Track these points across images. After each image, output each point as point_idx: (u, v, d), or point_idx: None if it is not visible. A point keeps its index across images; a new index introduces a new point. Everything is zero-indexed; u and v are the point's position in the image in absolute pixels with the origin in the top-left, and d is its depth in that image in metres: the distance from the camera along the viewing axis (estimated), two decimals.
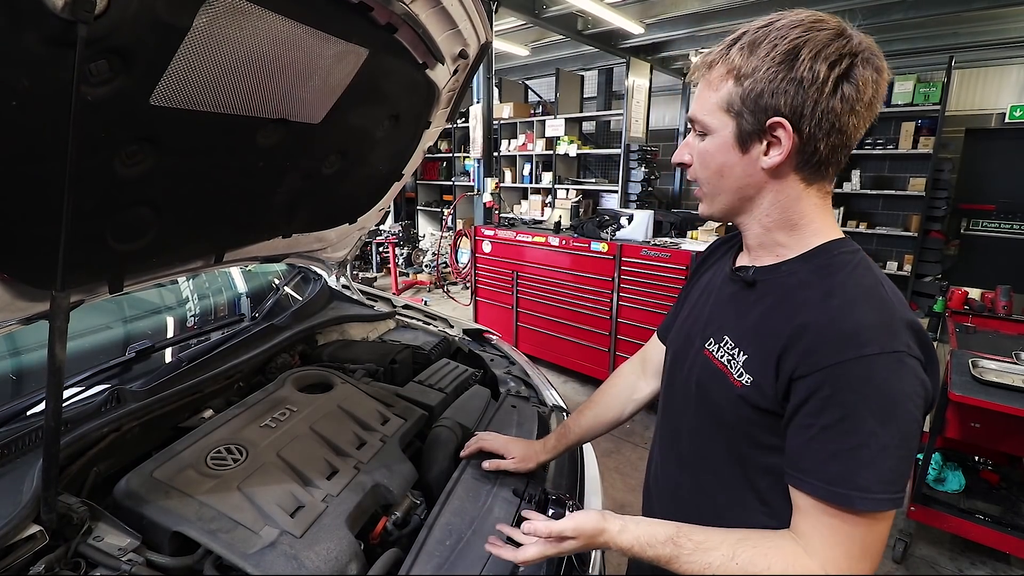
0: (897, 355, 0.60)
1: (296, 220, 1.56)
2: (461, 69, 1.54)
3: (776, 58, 0.64)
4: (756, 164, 0.69)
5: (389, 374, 1.56)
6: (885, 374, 0.60)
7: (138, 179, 0.95)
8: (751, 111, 0.66)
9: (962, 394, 1.89)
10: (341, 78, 1.19)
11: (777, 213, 0.72)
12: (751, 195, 0.72)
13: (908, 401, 0.61)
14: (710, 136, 0.71)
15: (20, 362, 1.30)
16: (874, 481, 0.60)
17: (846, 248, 0.71)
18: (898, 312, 0.64)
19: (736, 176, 0.71)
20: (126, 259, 1.05)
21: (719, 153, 0.71)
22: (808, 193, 0.70)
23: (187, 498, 0.89)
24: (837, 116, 0.64)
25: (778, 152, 0.67)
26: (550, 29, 5.54)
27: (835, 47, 0.63)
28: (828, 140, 0.66)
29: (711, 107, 0.70)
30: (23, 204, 0.82)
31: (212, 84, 0.91)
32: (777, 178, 0.69)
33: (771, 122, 0.66)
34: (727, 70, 0.68)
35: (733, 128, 0.69)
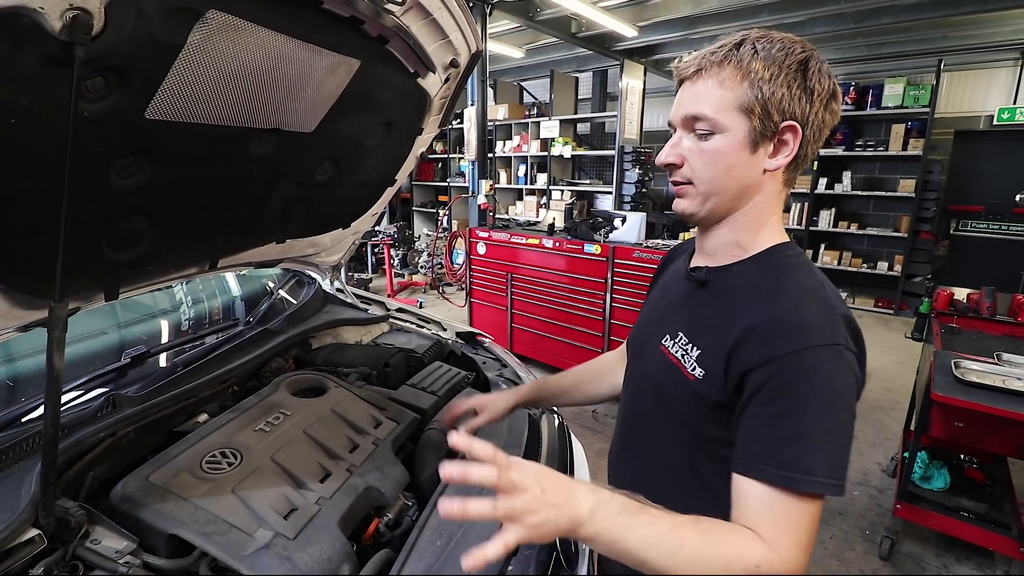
0: (837, 348, 0.66)
1: (290, 226, 1.59)
2: (452, 78, 1.56)
3: (793, 67, 0.69)
4: (761, 165, 0.73)
5: (382, 377, 1.58)
6: (829, 365, 0.65)
7: (133, 190, 0.97)
8: (768, 114, 0.70)
9: (944, 394, 1.93)
10: (333, 88, 1.21)
11: (757, 214, 0.76)
12: (747, 195, 0.75)
13: (847, 392, 0.66)
14: (720, 135, 0.72)
15: (16, 368, 1.31)
16: (819, 465, 0.63)
17: (790, 251, 0.77)
18: (838, 309, 0.70)
19: (741, 175, 0.73)
20: (122, 267, 1.07)
21: (731, 152, 0.72)
22: (783, 194, 0.78)
23: (182, 501, 0.91)
24: (825, 125, 0.73)
25: (785, 155, 0.72)
26: (544, 32, 5.58)
27: (826, 66, 0.71)
28: (815, 146, 0.74)
29: (724, 106, 0.71)
30: (21, 216, 0.84)
31: (206, 97, 0.94)
32: (772, 179, 0.75)
33: (785, 125, 0.71)
34: (742, 72, 0.70)
35: (748, 128, 0.71)
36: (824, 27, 5.33)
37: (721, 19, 5.37)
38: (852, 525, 2.60)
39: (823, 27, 5.34)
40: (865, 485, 2.94)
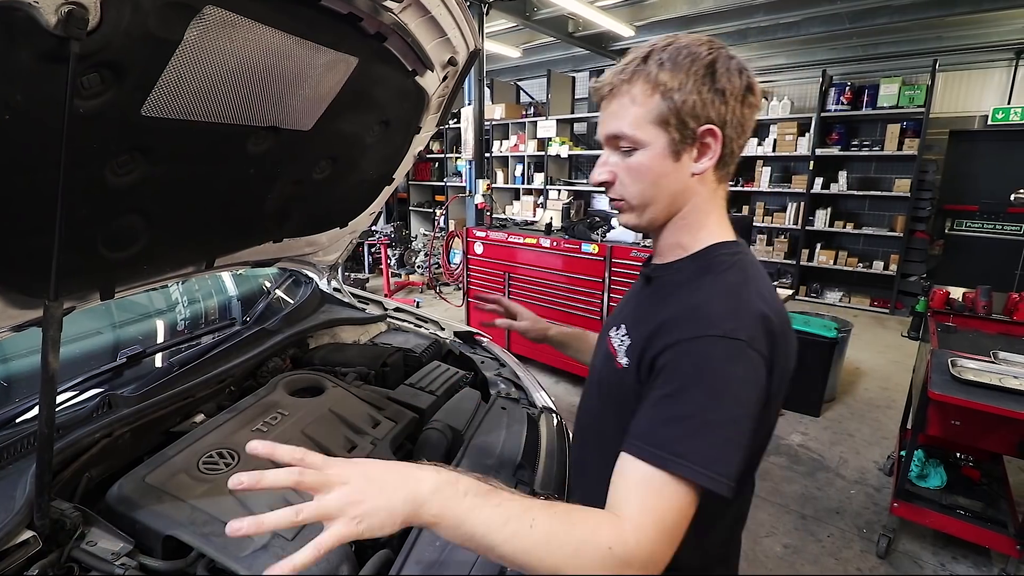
0: (738, 343, 0.65)
1: (287, 225, 1.58)
2: (451, 76, 1.55)
3: (700, 71, 0.70)
4: (687, 171, 0.74)
5: (380, 377, 1.58)
6: (723, 356, 0.65)
7: (129, 188, 0.96)
8: (684, 121, 0.71)
9: (941, 393, 1.94)
10: (331, 86, 1.20)
11: (694, 216, 0.78)
12: (681, 200, 0.77)
13: (741, 387, 0.65)
14: (641, 150, 0.73)
15: (9, 369, 1.30)
16: (693, 451, 0.62)
17: (727, 250, 0.77)
18: (753, 309, 0.69)
19: (670, 184, 0.75)
20: (117, 266, 1.06)
21: (654, 165, 0.73)
22: (718, 191, 0.78)
23: (179, 502, 0.90)
24: (745, 120, 0.73)
25: (709, 157, 0.73)
26: (541, 31, 5.58)
27: (736, 61, 0.72)
28: (739, 141, 0.75)
29: (640, 121, 0.72)
30: (15, 214, 0.83)
31: (203, 94, 0.93)
32: (702, 182, 0.76)
33: (703, 130, 0.71)
34: (652, 86, 0.71)
35: (667, 139, 0.72)
36: (820, 27, 5.35)
37: (717, 19, 5.39)
38: (849, 524, 2.61)
39: (819, 27, 5.36)
40: (862, 484, 2.95)
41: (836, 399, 3.95)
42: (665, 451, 0.62)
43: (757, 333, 0.67)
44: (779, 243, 7.00)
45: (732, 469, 0.62)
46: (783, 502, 2.77)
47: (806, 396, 3.68)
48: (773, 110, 6.98)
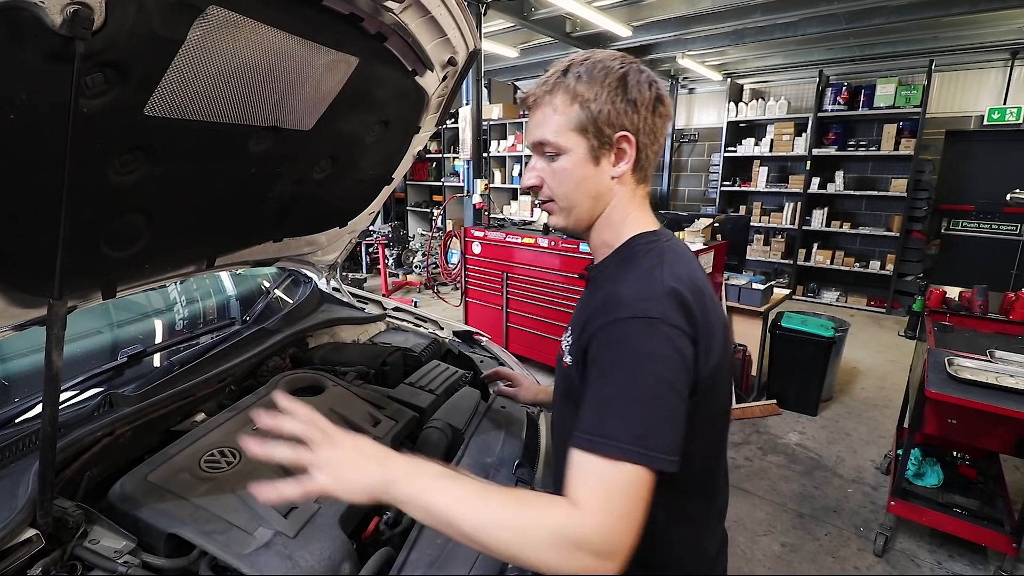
0: (650, 320, 0.68)
1: (287, 225, 1.58)
2: (450, 76, 1.56)
3: (613, 83, 0.77)
4: (607, 174, 0.81)
5: (380, 376, 1.58)
6: (636, 335, 0.68)
7: (131, 187, 0.96)
8: (600, 129, 0.78)
9: (938, 391, 1.95)
10: (332, 86, 1.21)
11: (616, 215, 0.84)
12: (603, 202, 0.83)
13: (657, 362, 0.67)
14: (564, 155, 0.80)
15: (11, 368, 1.30)
16: (620, 430, 0.64)
17: (644, 239, 0.82)
18: (663, 287, 0.72)
19: (592, 186, 0.81)
20: (119, 265, 1.06)
21: (576, 168, 0.80)
22: (637, 192, 0.84)
23: (181, 500, 0.90)
24: (656, 128, 0.80)
25: (625, 161, 0.80)
26: (539, 31, 5.57)
27: (645, 75, 0.80)
28: (652, 147, 0.82)
29: (561, 129, 0.79)
30: (18, 213, 0.83)
31: (205, 94, 0.93)
32: (621, 184, 0.82)
33: (618, 136, 0.78)
34: (571, 96, 0.78)
35: (586, 145, 0.79)
36: (816, 27, 5.36)
37: (714, 19, 5.39)
38: (846, 522, 2.62)
39: (815, 27, 5.36)
40: (859, 483, 2.96)
41: (833, 398, 3.97)
42: (596, 435, 0.64)
43: (668, 308, 0.69)
44: (776, 243, 7.02)
45: (666, 442, 0.64)
46: (781, 501, 2.78)
47: (804, 395, 3.70)
48: (770, 110, 7.01)
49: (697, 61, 6.72)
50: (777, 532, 2.55)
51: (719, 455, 0.87)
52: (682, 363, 0.68)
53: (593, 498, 0.62)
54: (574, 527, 0.61)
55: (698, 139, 8.13)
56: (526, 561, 0.62)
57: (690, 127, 8.22)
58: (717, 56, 6.83)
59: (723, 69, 7.33)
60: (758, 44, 6.03)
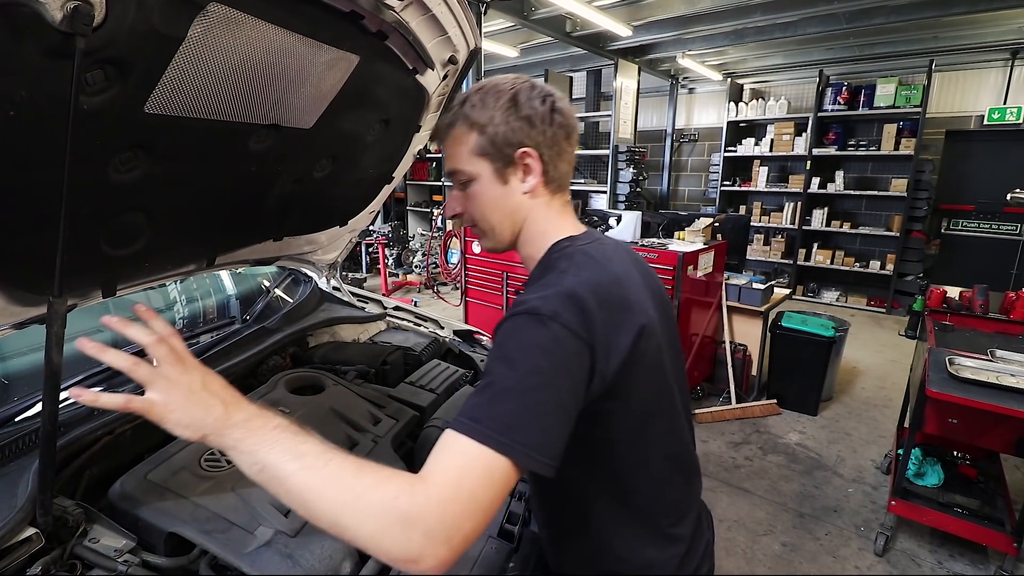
0: (539, 317, 0.68)
1: (287, 223, 1.58)
2: (451, 74, 1.56)
3: (504, 104, 0.81)
4: (517, 191, 0.84)
5: (380, 375, 1.58)
6: (521, 328, 0.69)
7: (131, 185, 0.96)
8: (500, 149, 0.82)
9: (938, 391, 1.95)
10: (332, 84, 1.20)
11: (535, 228, 0.87)
12: (519, 217, 0.86)
13: (538, 354, 0.66)
14: (474, 181, 0.85)
15: (9, 366, 1.29)
16: (487, 416, 0.62)
17: (559, 247, 0.84)
18: (563, 288, 0.72)
19: (505, 205, 0.85)
20: (119, 264, 1.06)
21: (487, 191, 0.85)
22: (553, 203, 0.88)
23: (182, 499, 0.90)
24: (558, 138, 0.83)
25: (533, 176, 0.84)
26: (539, 31, 5.57)
27: (538, 90, 0.83)
28: (559, 158, 0.85)
29: (466, 157, 0.84)
30: (18, 211, 0.83)
31: (205, 92, 0.93)
32: (534, 198, 0.86)
33: (519, 153, 0.82)
34: (469, 124, 0.83)
35: (491, 167, 0.83)
36: (816, 27, 5.36)
37: (714, 19, 5.39)
38: (847, 522, 2.62)
39: (815, 27, 5.37)
40: (859, 482, 2.96)
41: (833, 398, 3.97)
42: (466, 417, 0.63)
43: (561, 308, 0.69)
44: (776, 243, 7.02)
45: (536, 439, 0.62)
46: (781, 500, 2.78)
47: (804, 395, 3.70)
48: (770, 110, 7.01)
49: (697, 61, 6.72)
50: (778, 532, 2.55)
51: (664, 456, 0.83)
52: (568, 363, 0.67)
53: (442, 474, 0.60)
54: (408, 499, 0.57)
55: (698, 139, 8.13)
56: (349, 533, 0.57)
57: (690, 127, 8.22)
58: (717, 56, 6.83)
59: (723, 69, 7.33)
60: (758, 44, 6.03)
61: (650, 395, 0.78)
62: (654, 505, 0.83)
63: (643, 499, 0.82)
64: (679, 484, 0.87)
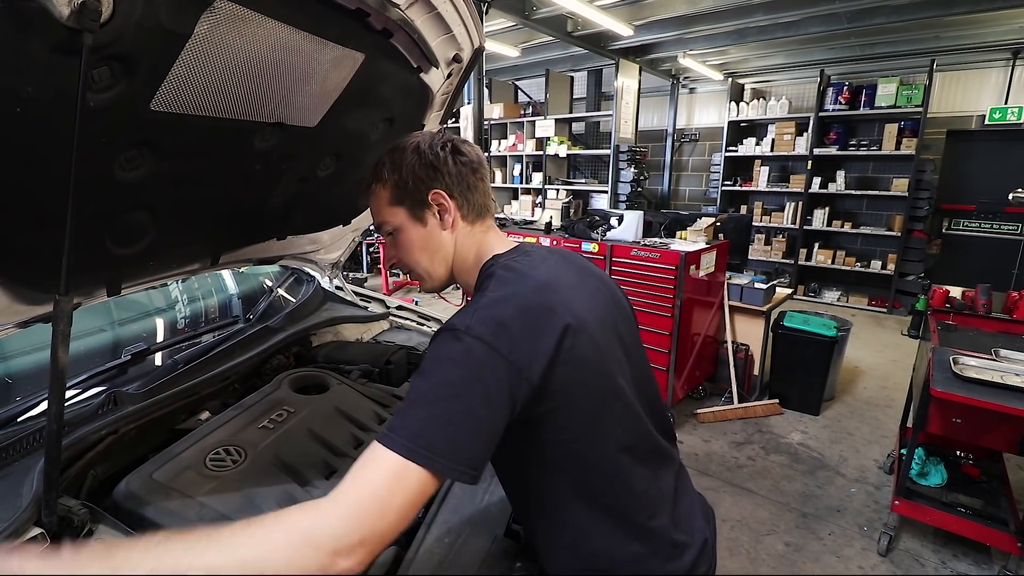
0: (453, 332, 0.72)
1: (291, 222, 1.57)
2: (455, 73, 1.55)
3: (409, 156, 0.89)
4: (438, 229, 0.91)
5: (384, 375, 1.57)
6: (438, 345, 0.73)
7: (137, 183, 0.95)
8: (412, 195, 0.89)
9: (943, 390, 1.95)
10: (337, 82, 1.20)
11: (465, 259, 0.93)
12: (447, 253, 0.92)
13: (448, 366, 0.70)
14: (398, 229, 0.91)
15: (12, 366, 1.29)
16: (400, 426, 0.66)
17: (486, 268, 0.88)
18: (479, 303, 0.76)
19: (430, 244, 0.92)
20: (124, 262, 1.06)
21: (410, 234, 0.91)
22: (475, 231, 0.93)
23: (187, 499, 0.89)
24: (464, 175, 0.90)
25: (448, 213, 0.90)
26: (540, 31, 5.57)
27: (438, 137, 0.91)
28: (471, 192, 0.91)
29: (384, 209, 0.92)
30: (23, 208, 0.82)
31: (211, 89, 0.92)
32: (455, 232, 0.92)
33: (431, 194, 0.88)
34: (382, 182, 0.91)
35: (407, 213, 0.90)
36: (818, 27, 5.36)
37: (715, 18, 5.39)
38: (850, 522, 2.62)
39: (817, 27, 5.36)
40: (862, 482, 2.96)
41: (835, 398, 3.96)
42: (386, 428, 0.67)
43: (474, 322, 0.72)
44: (777, 243, 7.02)
45: (440, 444, 0.65)
46: (784, 500, 2.78)
47: (806, 395, 3.69)
48: (771, 110, 7.01)
49: (698, 61, 6.72)
50: (780, 532, 2.54)
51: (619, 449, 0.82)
52: (480, 373, 0.69)
53: (350, 484, 0.63)
54: (310, 520, 0.60)
55: (699, 139, 8.13)
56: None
57: (691, 127, 8.21)
58: (718, 56, 6.82)
59: (724, 69, 7.32)
60: (759, 44, 6.03)
61: (589, 392, 0.79)
62: (624, 500, 0.82)
63: (611, 496, 0.82)
64: (644, 476, 0.85)
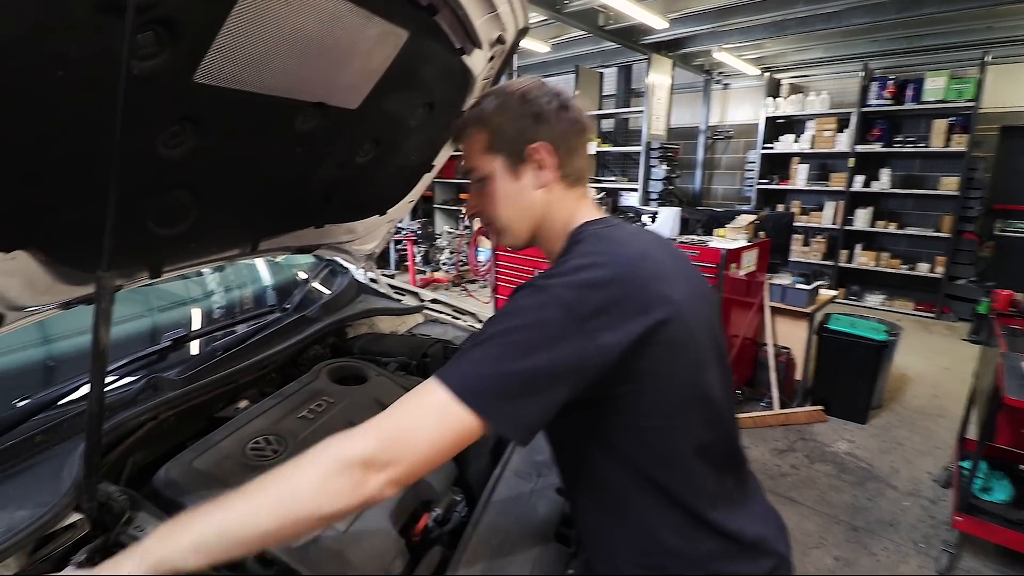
0: (533, 286, 0.69)
1: (329, 210, 1.54)
2: (497, 56, 1.50)
3: (514, 102, 0.83)
4: (530, 186, 0.84)
5: (421, 368, 1.53)
6: (520, 296, 0.70)
7: (179, 161, 0.92)
8: (511, 145, 0.83)
9: (1018, 398, 1.80)
10: (380, 61, 1.16)
11: (555, 223, 0.86)
12: (536, 212, 0.86)
13: (521, 317, 0.67)
14: (489, 179, 0.86)
15: (53, 350, 1.29)
16: (454, 363, 0.66)
17: (576, 234, 0.82)
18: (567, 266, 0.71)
19: (520, 201, 0.85)
20: (165, 244, 1.03)
21: (500, 187, 0.85)
22: (570, 196, 0.86)
23: (228, 488, 0.85)
24: (568, 134, 0.84)
25: (546, 170, 0.83)
26: (571, 24, 5.48)
27: (547, 88, 0.85)
28: (572, 154, 0.84)
29: (479, 155, 0.86)
30: (67, 184, 0.80)
31: (255, 62, 0.89)
32: (550, 192, 0.85)
33: (532, 148, 0.82)
34: (481, 124, 0.85)
35: (503, 164, 0.84)
36: (862, 17, 5.13)
37: (753, 10, 5.20)
38: (904, 537, 2.46)
39: (861, 17, 5.13)
40: (916, 495, 2.79)
41: (883, 406, 3.76)
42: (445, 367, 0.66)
43: (561, 282, 0.68)
44: (816, 243, 6.77)
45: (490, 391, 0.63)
46: (831, 512, 2.63)
47: (852, 402, 3.51)
48: (810, 105, 6.76)
49: (734, 55, 6.53)
50: (829, 545, 2.40)
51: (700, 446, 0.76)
52: (550, 330, 0.65)
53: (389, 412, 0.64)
54: (339, 446, 0.62)
55: (733, 136, 7.91)
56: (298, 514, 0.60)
57: (724, 123, 8.00)
58: (754, 50, 6.62)
59: (760, 63, 7.11)
60: (798, 36, 5.82)
61: (674, 382, 0.73)
62: (695, 498, 0.75)
63: (682, 491, 0.75)
64: (716, 476, 0.78)
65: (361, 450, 0.61)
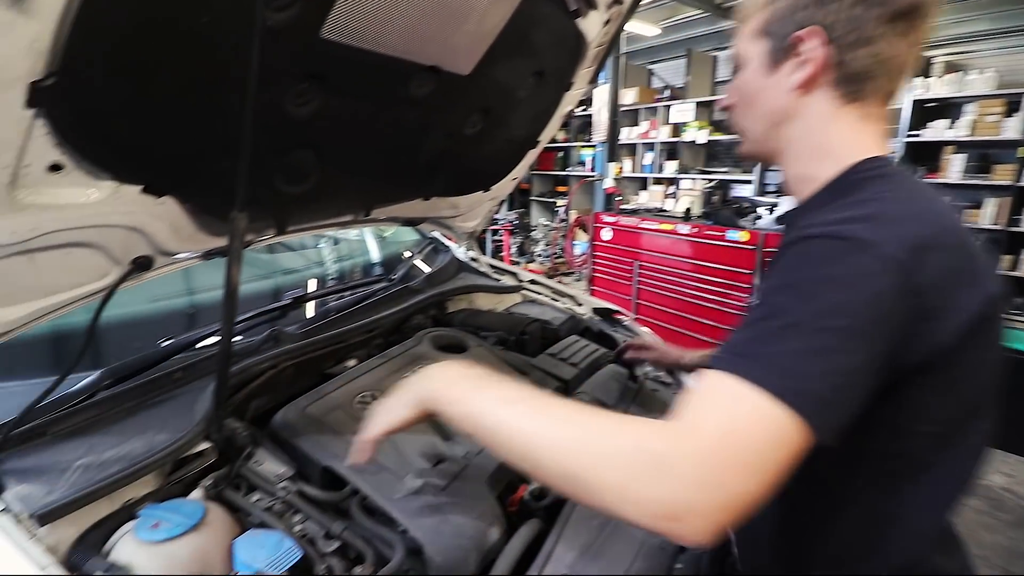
0: (848, 242, 0.51)
1: (436, 182, 1.56)
2: (613, 19, 1.42)
3: None
4: (784, 86, 0.65)
5: (519, 344, 1.50)
6: (821, 254, 0.52)
7: (305, 120, 0.96)
8: (779, 28, 0.64)
9: None
10: (494, 23, 1.13)
11: (810, 139, 0.66)
12: (781, 121, 0.67)
13: (839, 289, 0.50)
14: (745, 67, 0.69)
15: (193, 300, 1.43)
16: (765, 354, 0.49)
17: (865, 167, 0.61)
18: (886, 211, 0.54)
19: (766, 103, 0.67)
20: (290, 201, 1.09)
21: (752, 79, 0.68)
22: (844, 113, 0.64)
23: (337, 435, 0.88)
24: (862, 21, 0.59)
25: (809, 66, 0.62)
26: (685, 3, 5.19)
27: None
28: (857, 52, 0.60)
29: (746, 36, 0.69)
30: (207, 136, 0.86)
31: (376, 19, 0.90)
32: (809, 98, 0.64)
33: (795, 36, 0.62)
34: (763, 2, 0.66)
35: (764, 51, 0.66)
36: None
37: None
38: None
39: None
40: None
41: None
42: (735, 353, 0.51)
43: (885, 235, 0.51)
44: None
45: (824, 389, 0.47)
46: (982, 553, 2.23)
47: (1012, 430, 2.95)
48: (971, 85, 5.79)
49: None
50: None
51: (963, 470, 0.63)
52: (881, 307, 0.49)
53: (703, 417, 0.48)
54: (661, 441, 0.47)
55: None
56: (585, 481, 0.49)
57: None
58: None
59: None
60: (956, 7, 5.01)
61: (975, 387, 0.58)
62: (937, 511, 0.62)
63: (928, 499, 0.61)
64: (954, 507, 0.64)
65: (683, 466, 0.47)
